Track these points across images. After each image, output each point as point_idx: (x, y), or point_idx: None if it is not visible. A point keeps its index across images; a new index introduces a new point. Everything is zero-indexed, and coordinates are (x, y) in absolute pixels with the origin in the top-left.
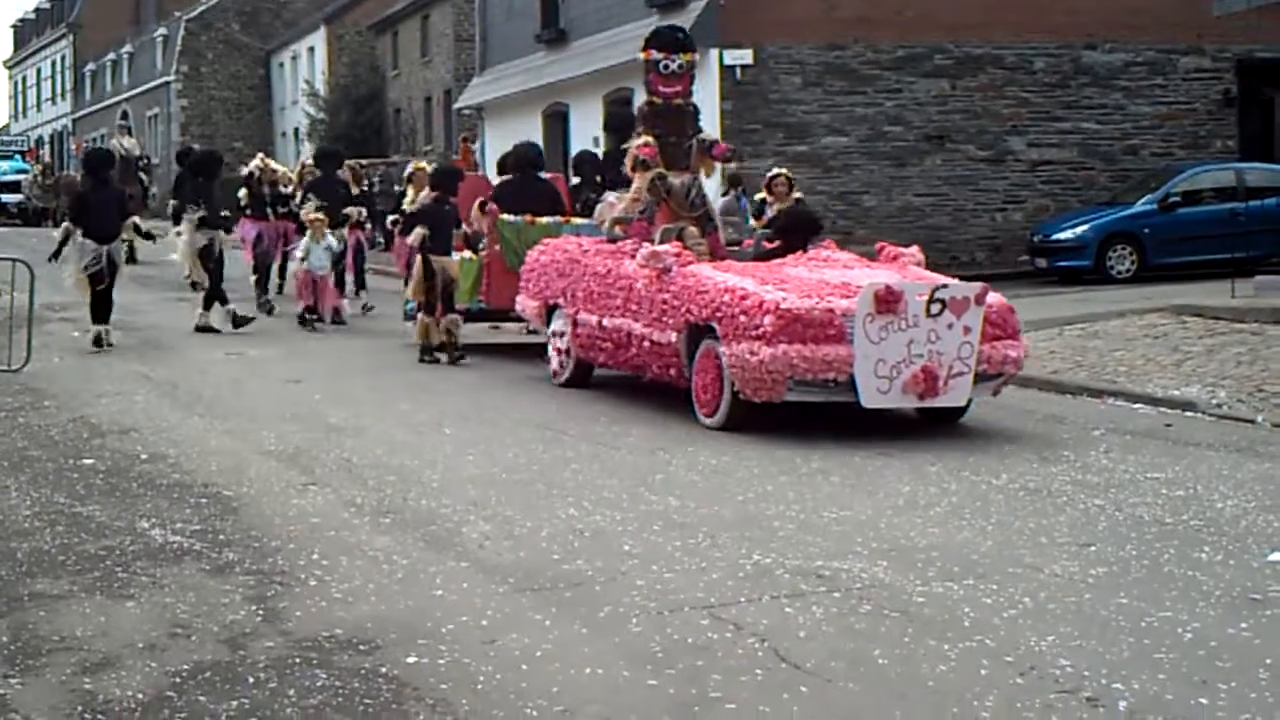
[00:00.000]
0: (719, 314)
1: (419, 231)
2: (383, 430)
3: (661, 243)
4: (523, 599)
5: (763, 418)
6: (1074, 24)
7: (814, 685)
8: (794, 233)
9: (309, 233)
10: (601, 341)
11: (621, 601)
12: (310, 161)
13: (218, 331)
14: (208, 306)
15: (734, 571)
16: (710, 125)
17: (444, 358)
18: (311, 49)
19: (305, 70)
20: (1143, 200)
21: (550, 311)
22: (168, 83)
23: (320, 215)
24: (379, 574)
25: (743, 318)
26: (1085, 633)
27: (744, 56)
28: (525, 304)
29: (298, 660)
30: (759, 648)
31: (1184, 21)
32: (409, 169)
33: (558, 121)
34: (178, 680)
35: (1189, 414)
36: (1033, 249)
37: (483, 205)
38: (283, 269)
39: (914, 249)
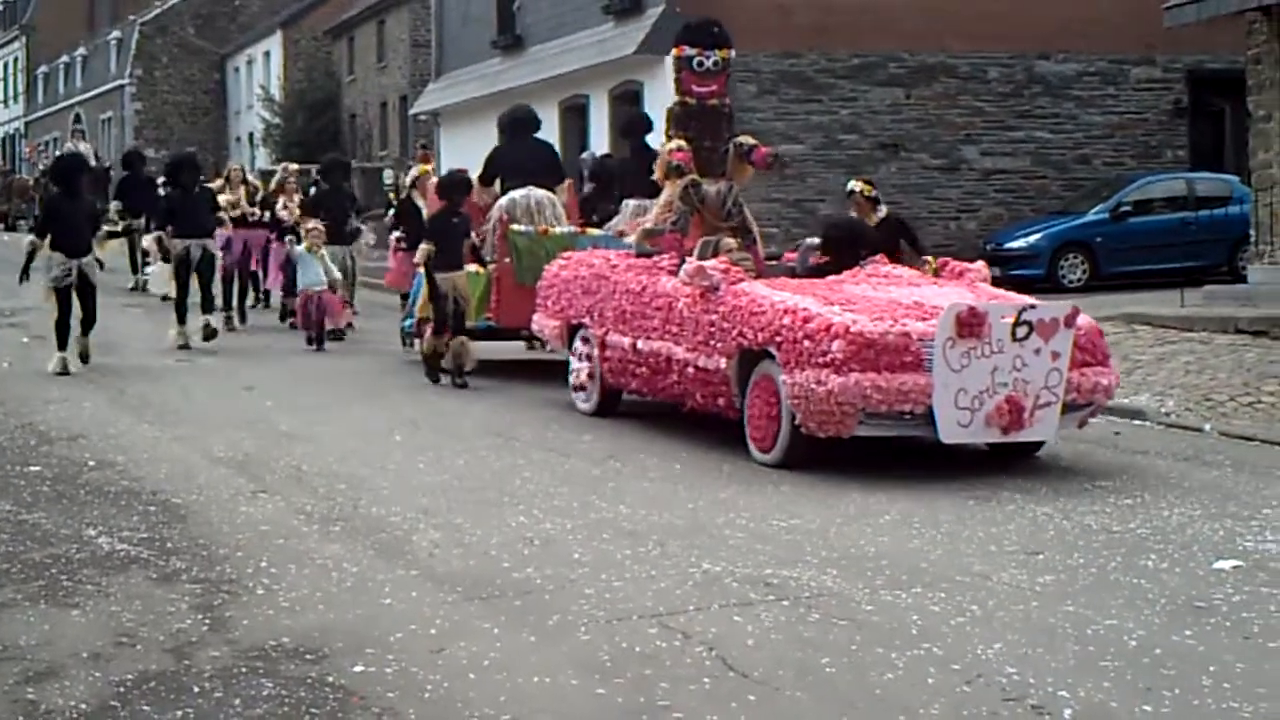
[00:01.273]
0: (778, 338)
1: (425, 248)
2: (334, 437)
3: (700, 257)
4: (471, 607)
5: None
6: (1027, 34)
7: (762, 694)
8: (845, 246)
9: (304, 245)
10: (635, 366)
11: (570, 610)
12: (294, 166)
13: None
14: (193, 318)
15: (683, 580)
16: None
17: (455, 379)
18: (267, 54)
19: (261, 75)
20: (1095, 209)
21: (573, 332)
22: (122, 86)
23: (318, 226)
24: (327, 582)
25: (807, 343)
26: (1032, 640)
27: None
28: (544, 323)
29: (244, 669)
30: (707, 656)
31: (1136, 32)
32: (413, 173)
33: None
34: (122, 690)
35: (1137, 422)
36: (986, 258)
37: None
38: (255, 280)
39: (980, 264)
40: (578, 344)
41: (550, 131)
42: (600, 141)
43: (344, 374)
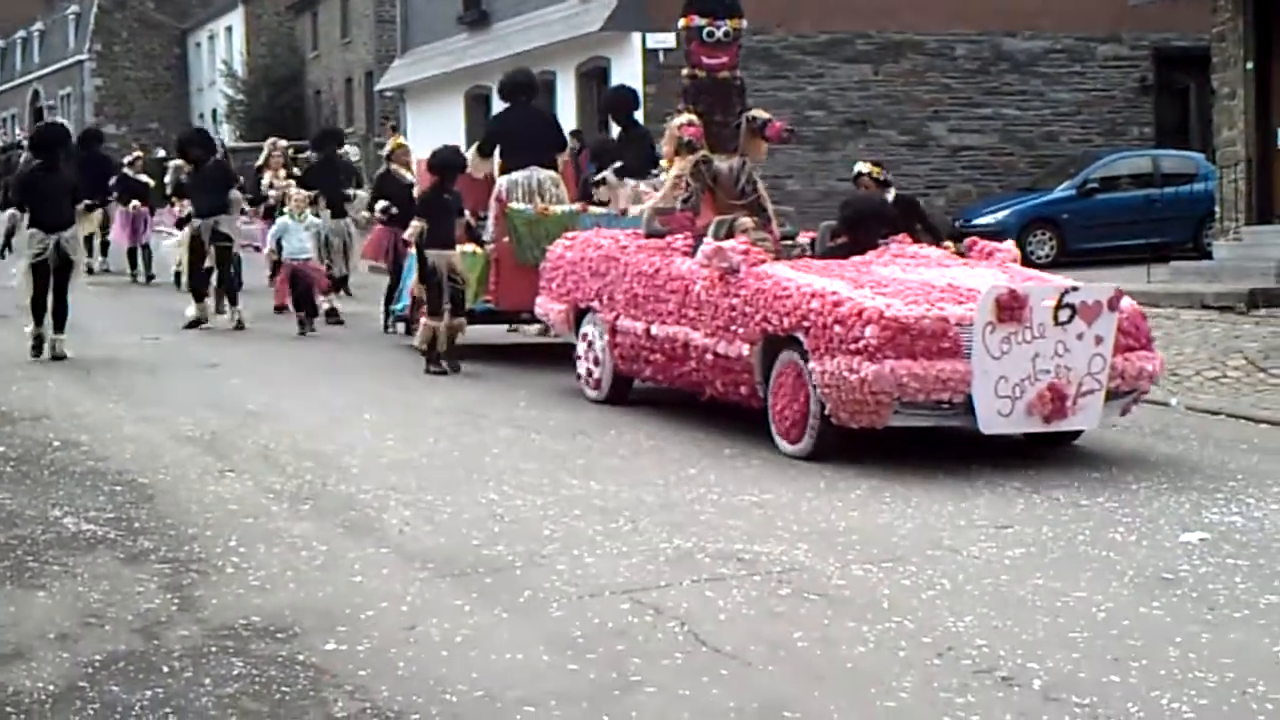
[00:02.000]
0: (806, 323)
1: (416, 225)
2: (301, 415)
3: (715, 237)
4: (442, 584)
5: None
6: (994, 11)
7: (733, 668)
8: (865, 226)
9: (286, 212)
10: (649, 353)
11: (542, 586)
12: (282, 143)
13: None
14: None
15: (654, 556)
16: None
17: (450, 364)
18: (229, 29)
19: (223, 50)
20: (1062, 186)
21: (580, 316)
22: (81, 62)
23: (303, 194)
24: (297, 561)
25: (838, 328)
26: (1002, 613)
27: (667, 40)
28: (548, 307)
29: (213, 649)
30: (679, 631)
31: (1102, 10)
32: (387, 146)
33: (480, 104)
34: (90, 671)
35: None
36: (953, 235)
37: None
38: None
39: (1009, 244)
40: (586, 328)
41: None
42: (567, 118)
43: (312, 352)
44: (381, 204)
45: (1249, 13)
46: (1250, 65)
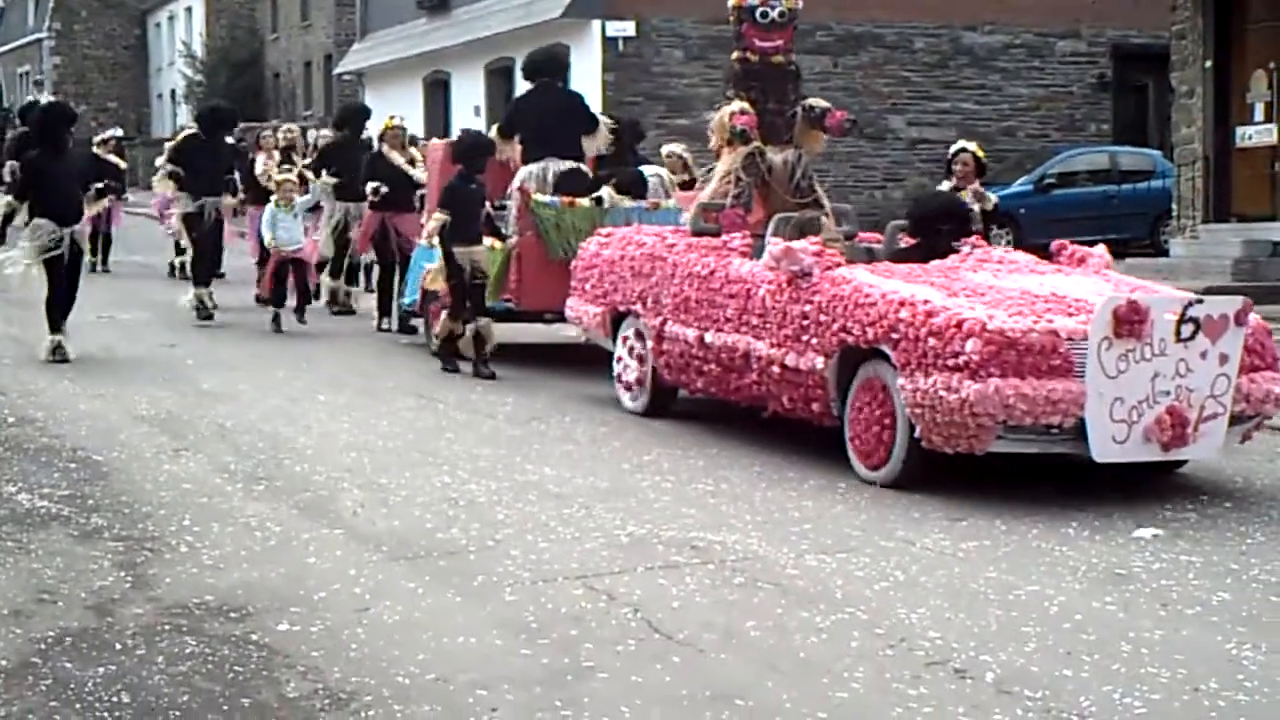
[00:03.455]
0: (894, 335)
1: (439, 218)
2: (257, 396)
3: (775, 236)
4: (396, 567)
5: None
6: (954, 5)
7: (686, 656)
8: (936, 226)
9: (274, 200)
10: (702, 363)
11: (495, 571)
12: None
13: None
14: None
15: (608, 542)
16: (591, 98)
17: (480, 369)
18: (189, 9)
19: (183, 31)
20: (1019, 181)
21: (618, 320)
22: (40, 40)
23: (290, 179)
24: (251, 541)
25: (932, 341)
26: (955, 605)
27: (626, 28)
28: (581, 309)
29: (167, 627)
30: (632, 618)
31: (1061, 6)
32: (380, 126)
33: (439, 90)
34: (43, 647)
35: None
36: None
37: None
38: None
39: (1100, 249)
40: (625, 334)
41: (475, 94)
42: None
43: (265, 332)
44: (372, 185)
45: (1209, 11)
46: (1209, 64)
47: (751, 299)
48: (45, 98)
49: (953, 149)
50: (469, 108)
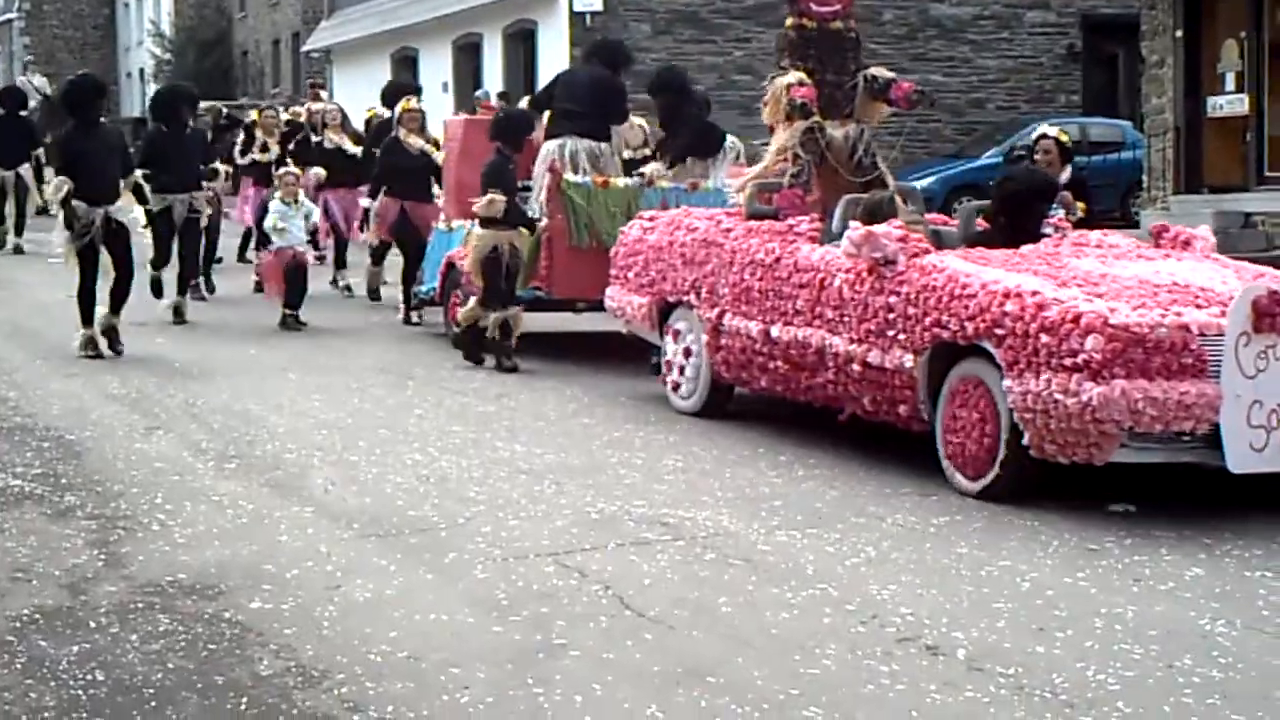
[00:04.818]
0: (999, 330)
1: (495, 198)
2: (228, 375)
3: (844, 219)
4: (367, 545)
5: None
6: None
7: (657, 632)
8: (1029, 208)
9: (278, 195)
10: (767, 359)
11: (467, 548)
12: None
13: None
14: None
15: (579, 519)
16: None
17: (503, 361)
18: None
19: (151, 10)
20: (988, 153)
21: (666, 311)
22: (9, 20)
23: (292, 170)
24: (223, 519)
25: (1044, 337)
26: (926, 581)
27: (594, 3)
28: (623, 300)
29: (140, 605)
30: (603, 595)
31: None
32: (397, 109)
33: (406, 66)
34: (18, 625)
35: None
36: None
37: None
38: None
39: (1204, 229)
40: (676, 326)
41: (444, 71)
42: (494, 80)
43: (235, 312)
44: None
45: None
46: (1180, 33)
47: (826, 289)
48: (34, 79)
49: (1035, 134)
50: (438, 84)
